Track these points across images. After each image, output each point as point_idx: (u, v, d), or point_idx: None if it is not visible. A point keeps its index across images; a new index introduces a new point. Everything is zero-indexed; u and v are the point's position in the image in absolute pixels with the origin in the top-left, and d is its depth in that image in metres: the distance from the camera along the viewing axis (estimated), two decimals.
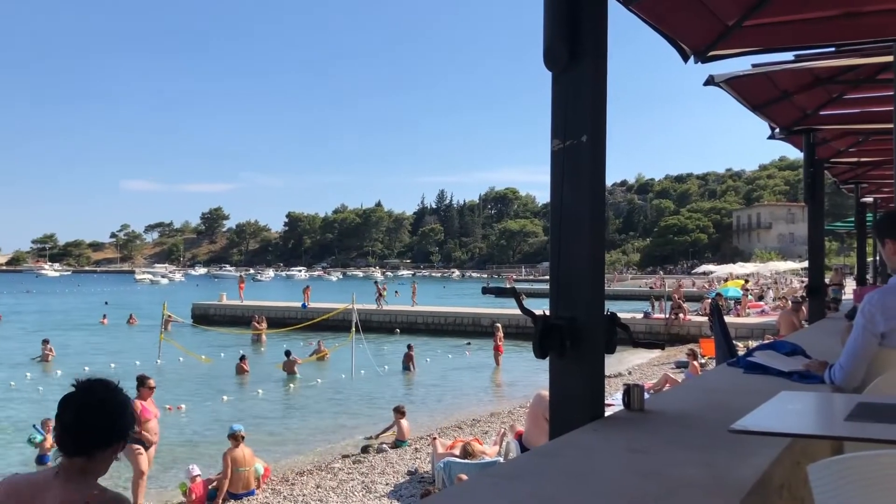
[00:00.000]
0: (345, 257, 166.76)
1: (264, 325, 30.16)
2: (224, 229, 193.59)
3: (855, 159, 9.50)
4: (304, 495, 9.60)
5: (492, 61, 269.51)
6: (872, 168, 10.03)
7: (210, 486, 9.87)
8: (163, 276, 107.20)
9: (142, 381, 9.57)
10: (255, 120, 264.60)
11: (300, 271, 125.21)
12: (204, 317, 35.80)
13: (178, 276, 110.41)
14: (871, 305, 3.19)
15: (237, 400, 17.82)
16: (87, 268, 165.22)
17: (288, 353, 21.41)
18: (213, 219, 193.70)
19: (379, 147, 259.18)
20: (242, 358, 21.56)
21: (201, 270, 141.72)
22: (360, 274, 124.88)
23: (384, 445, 12.58)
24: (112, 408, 2.43)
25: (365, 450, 12.42)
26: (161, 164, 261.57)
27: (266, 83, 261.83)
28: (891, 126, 5.51)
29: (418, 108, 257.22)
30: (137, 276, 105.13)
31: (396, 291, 53.65)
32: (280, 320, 32.47)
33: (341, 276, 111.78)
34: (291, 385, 19.91)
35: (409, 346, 23.53)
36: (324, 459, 11.94)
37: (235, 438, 10.04)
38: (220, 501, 9.67)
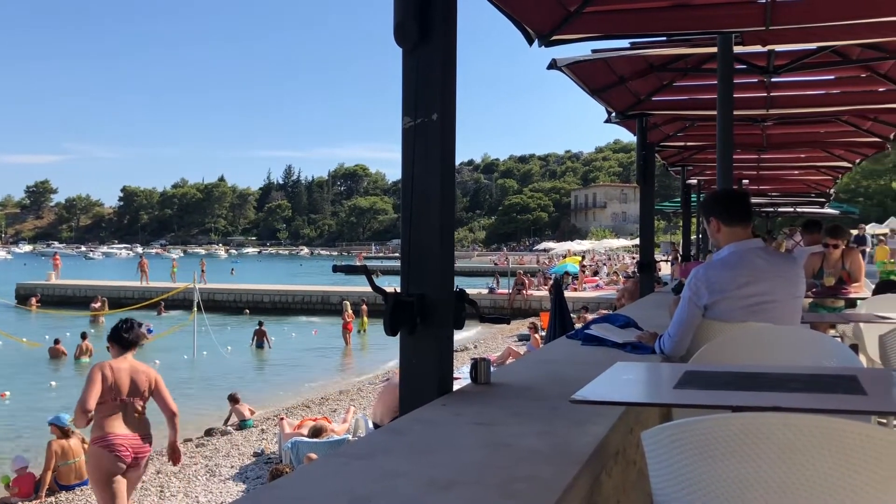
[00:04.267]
0: (185, 234, 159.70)
1: (99, 304, 28.39)
2: (52, 204, 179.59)
3: (682, 143, 10.13)
4: (143, 481, 9.17)
5: (341, 37, 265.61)
6: (697, 152, 10.75)
7: (36, 480, 9.21)
8: None
9: None
10: (84, 87, 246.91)
11: (123, 249, 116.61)
12: (30, 298, 33.17)
13: (2, 254, 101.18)
14: (696, 279, 3.43)
15: (70, 385, 16.71)
16: None
17: (83, 336, 20.20)
18: (38, 192, 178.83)
19: (222, 119, 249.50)
20: (57, 341, 20.16)
21: (26, 248, 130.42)
22: (203, 251, 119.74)
23: (229, 428, 12.24)
24: None
25: (209, 433, 12.04)
26: None
27: (94, 46, 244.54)
28: (714, 113, 5.93)
29: (264, 80, 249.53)
30: None
31: (232, 269, 52.14)
32: (115, 300, 30.63)
33: (182, 254, 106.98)
34: None
35: (260, 323, 22.99)
36: (165, 444, 11.45)
37: (60, 429, 9.37)
38: (44, 495, 9.04)
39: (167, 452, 6.51)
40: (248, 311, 31.35)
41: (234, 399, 12.76)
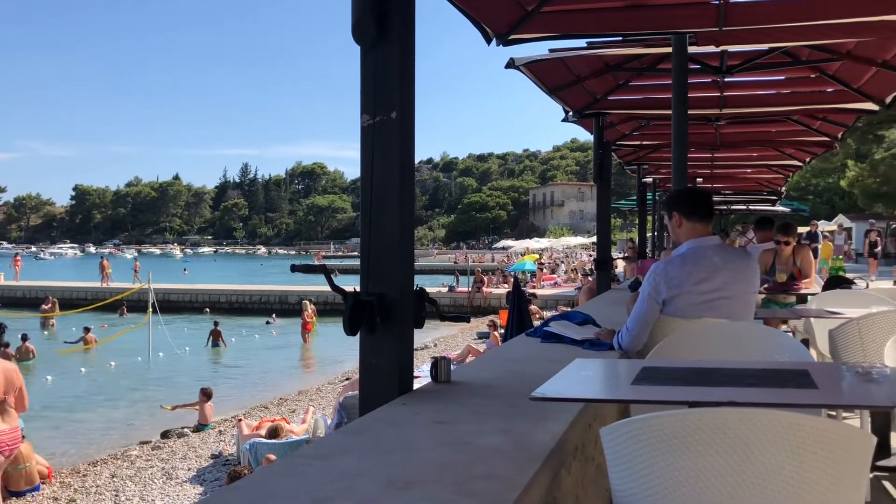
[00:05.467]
0: (140, 233, 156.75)
1: (49, 305, 27.69)
2: (0, 203, 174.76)
3: (637, 142, 10.25)
4: (97, 486, 8.99)
5: (299, 35, 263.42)
6: (652, 150, 10.89)
7: None
8: None
9: None
10: (36, 82, 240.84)
11: (70, 249, 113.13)
12: None
13: None
14: (656, 275, 3.48)
15: None
16: None
17: (24, 338, 19.59)
18: None
19: (177, 116, 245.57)
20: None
21: None
22: (158, 251, 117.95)
23: (186, 430, 12.06)
24: None
25: (165, 435, 11.84)
26: None
27: (45, 41, 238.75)
28: (669, 112, 6.02)
29: (220, 77, 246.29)
30: None
31: (185, 269, 51.35)
32: (69, 301, 29.89)
33: (136, 254, 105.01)
34: (83, 369, 18.47)
35: (216, 323, 22.68)
36: (120, 447, 11.24)
37: None
38: None
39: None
40: (208, 310, 30.87)
41: (206, 394, 12.47)
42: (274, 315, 28.30)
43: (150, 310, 20.52)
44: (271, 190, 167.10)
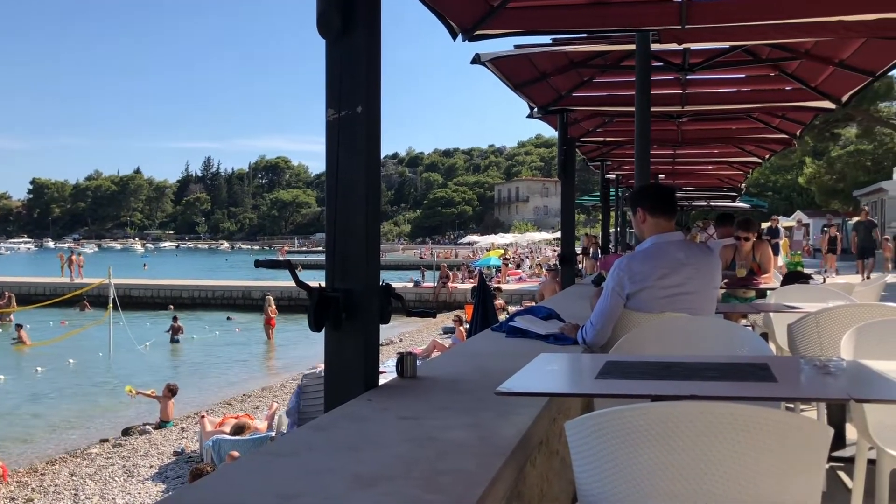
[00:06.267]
0: (100, 228, 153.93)
1: (4, 301, 27.06)
2: None
3: (601, 139, 10.33)
4: (55, 485, 8.83)
5: (263, 26, 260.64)
6: (616, 147, 10.97)
7: None
8: None
9: None
10: None
11: (23, 244, 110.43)
12: None
13: None
14: (619, 270, 3.52)
15: None
16: None
17: None
18: None
19: (138, 109, 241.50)
20: None
21: None
22: (118, 246, 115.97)
23: (147, 427, 11.89)
24: None
25: (126, 432, 11.67)
26: None
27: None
28: (632, 109, 6.08)
29: (182, 68, 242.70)
30: None
31: (145, 265, 50.59)
32: (26, 297, 29.21)
33: (96, 249, 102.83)
34: (39, 368, 18.08)
35: (175, 318, 22.39)
36: (79, 445, 11.04)
37: None
38: None
39: None
40: (171, 306, 30.37)
41: (171, 390, 12.29)
42: (229, 317, 27.92)
43: (111, 306, 20.19)
44: (234, 184, 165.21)
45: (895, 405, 2.79)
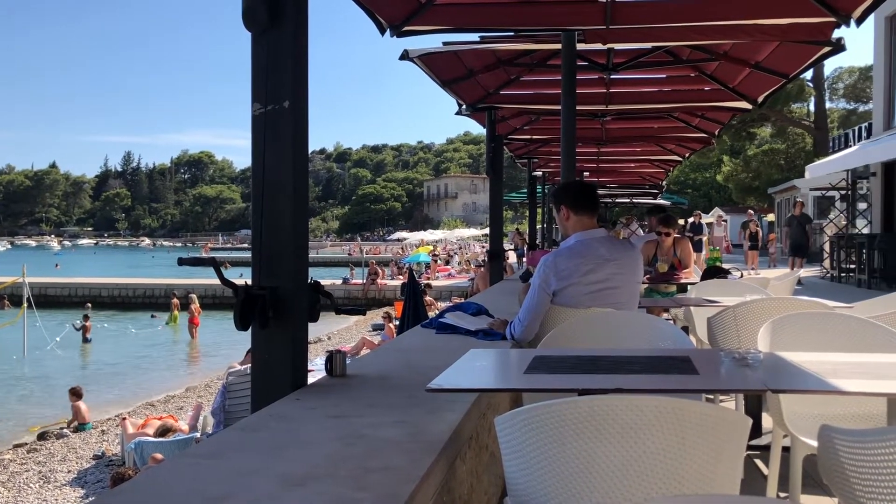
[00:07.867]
0: (13, 224, 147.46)
1: None
2: None
3: (528, 136, 10.45)
4: None
5: (185, 17, 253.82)
6: (542, 145, 11.13)
7: None
8: None
9: None
10: None
11: None
12: None
13: None
14: (546, 267, 3.57)
15: None
16: None
17: None
18: None
19: (54, 101, 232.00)
20: None
21: None
22: (33, 243, 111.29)
23: (65, 430, 11.46)
24: None
25: (42, 436, 11.21)
26: None
27: None
28: (558, 107, 6.16)
29: (101, 60, 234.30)
30: None
31: (57, 264, 48.82)
32: None
33: (9, 246, 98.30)
34: None
35: (86, 317, 21.62)
36: None
37: None
38: None
39: None
40: (90, 304, 29.26)
41: (75, 394, 11.81)
42: (153, 315, 27.15)
43: (25, 305, 19.36)
44: (156, 179, 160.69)
45: (808, 395, 2.92)
